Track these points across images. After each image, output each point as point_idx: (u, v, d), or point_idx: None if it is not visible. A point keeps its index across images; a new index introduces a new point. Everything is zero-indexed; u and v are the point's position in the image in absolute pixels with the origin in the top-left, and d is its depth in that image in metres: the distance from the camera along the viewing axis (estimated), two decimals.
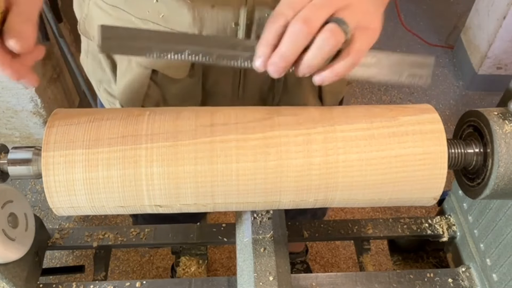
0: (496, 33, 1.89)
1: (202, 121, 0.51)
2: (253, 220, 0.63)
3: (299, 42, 0.47)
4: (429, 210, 1.66)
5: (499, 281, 0.63)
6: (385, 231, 0.75)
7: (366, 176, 0.51)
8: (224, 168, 0.50)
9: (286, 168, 0.50)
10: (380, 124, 0.52)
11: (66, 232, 0.73)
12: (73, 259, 1.55)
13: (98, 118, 0.52)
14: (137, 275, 1.54)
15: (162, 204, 0.52)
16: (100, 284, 0.65)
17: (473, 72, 2.09)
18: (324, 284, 0.66)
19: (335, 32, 0.46)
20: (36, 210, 1.64)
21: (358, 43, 0.49)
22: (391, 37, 2.39)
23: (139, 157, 0.50)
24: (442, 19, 2.49)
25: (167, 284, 0.66)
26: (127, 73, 0.72)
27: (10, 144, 0.67)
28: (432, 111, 0.54)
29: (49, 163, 0.49)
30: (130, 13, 0.66)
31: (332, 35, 0.46)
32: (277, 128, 0.51)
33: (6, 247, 0.56)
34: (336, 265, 1.57)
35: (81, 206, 0.52)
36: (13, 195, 0.60)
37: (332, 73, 0.49)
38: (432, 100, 2.09)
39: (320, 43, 0.47)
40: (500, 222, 0.63)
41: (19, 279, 0.60)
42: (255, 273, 0.58)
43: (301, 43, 0.47)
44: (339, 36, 0.46)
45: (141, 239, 0.73)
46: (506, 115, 0.52)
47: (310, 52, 0.47)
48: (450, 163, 0.54)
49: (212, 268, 1.55)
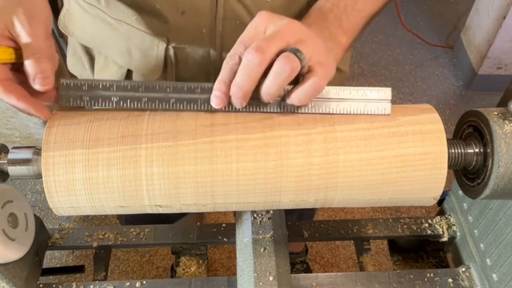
0: (496, 33, 1.89)
1: (202, 121, 0.51)
2: (253, 220, 0.63)
3: (253, 71, 0.47)
4: (429, 210, 1.66)
5: (499, 281, 0.63)
6: (385, 231, 0.75)
7: (366, 176, 0.51)
8: (224, 168, 0.50)
9: (286, 168, 0.50)
10: (380, 124, 0.52)
11: (66, 232, 0.73)
12: (73, 259, 1.55)
13: (98, 118, 0.52)
14: (137, 275, 1.54)
15: (162, 204, 0.52)
16: (100, 284, 0.65)
17: (473, 72, 2.09)
18: (324, 284, 0.66)
19: (290, 59, 0.47)
20: (36, 210, 1.64)
21: (317, 71, 0.50)
22: (391, 37, 2.40)
23: (139, 157, 0.50)
24: (442, 19, 2.49)
25: (167, 284, 0.66)
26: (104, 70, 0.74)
27: (10, 144, 0.67)
28: (432, 111, 0.54)
29: (49, 163, 0.49)
30: (105, 12, 0.68)
31: (288, 61, 0.47)
32: (277, 128, 0.51)
33: (6, 247, 0.56)
34: (336, 265, 1.57)
35: (81, 206, 0.52)
36: (13, 195, 0.60)
37: (295, 99, 0.50)
38: (432, 100, 2.09)
39: (276, 69, 0.47)
40: (500, 222, 0.63)
41: (19, 279, 0.60)
42: (255, 273, 0.58)
43: (255, 72, 0.48)
44: (294, 63, 0.47)
45: (141, 239, 0.73)
46: (506, 115, 0.52)
47: (267, 80, 0.48)
48: (450, 163, 0.54)
49: (212, 268, 1.55)
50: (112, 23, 0.68)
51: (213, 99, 0.50)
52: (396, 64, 2.27)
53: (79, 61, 0.79)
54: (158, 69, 0.69)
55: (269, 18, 0.50)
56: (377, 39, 2.38)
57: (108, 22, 0.68)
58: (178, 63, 0.69)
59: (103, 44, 0.72)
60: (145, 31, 0.66)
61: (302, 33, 0.50)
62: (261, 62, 0.47)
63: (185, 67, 0.70)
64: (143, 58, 0.69)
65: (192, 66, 0.69)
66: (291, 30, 0.49)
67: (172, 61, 0.68)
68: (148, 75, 0.70)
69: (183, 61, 0.69)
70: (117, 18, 0.67)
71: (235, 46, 0.50)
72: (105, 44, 0.72)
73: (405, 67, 2.26)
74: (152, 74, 0.70)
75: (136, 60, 0.70)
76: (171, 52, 0.67)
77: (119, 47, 0.70)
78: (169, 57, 0.68)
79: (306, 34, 0.50)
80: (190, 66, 0.69)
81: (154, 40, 0.67)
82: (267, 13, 0.51)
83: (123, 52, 0.70)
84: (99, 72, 0.75)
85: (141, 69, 0.70)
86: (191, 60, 0.69)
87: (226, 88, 0.50)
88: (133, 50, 0.69)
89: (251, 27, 0.51)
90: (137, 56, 0.69)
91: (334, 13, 0.60)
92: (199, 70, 0.70)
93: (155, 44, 0.67)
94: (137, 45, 0.68)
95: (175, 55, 0.68)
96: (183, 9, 0.62)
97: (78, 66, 0.80)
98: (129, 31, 0.67)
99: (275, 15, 0.51)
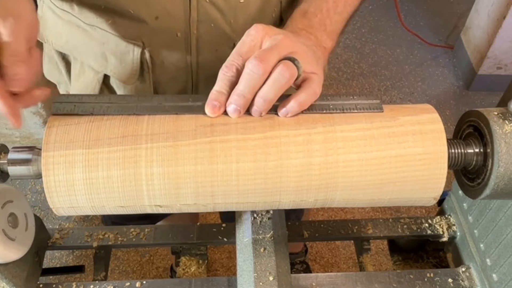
0: (496, 33, 1.89)
1: (202, 121, 0.51)
2: (253, 220, 0.63)
3: (256, 80, 0.49)
4: (429, 210, 1.66)
5: (499, 281, 0.63)
6: (385, 231, 0.75)
7: (366, 176, 0.51)
8: (224, 168, 0.50)
9: (286, 168, 0.50)
10: (380, 124, 0.52)
11: (66, 232, 0.73)
12: (73, 259, 1.55)
13: (98, 118, 0.52)
14: (137, 275, 1.54)
15: (162, 204, 0.52)
16: (100, 284, 0.65)
17: (473, 72, 2.09)
18: (324, 284, 0.66)
19: (289, 66, 0.49)
20: (36, 210, 1.64)
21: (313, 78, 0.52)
22: (391, 37, 2.40)
23: (139, 157, 0.50)
24: (442, 19, 2.49)
25: (167, 284, 0.66)
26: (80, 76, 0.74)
27: (10, 144, 0.67)
28: (432, 111, 0.54)
29: (49, 163, 0.49)
30: (79, 18, 0.68)
31: (287, 68, 0.49)
32: (277, 128, 0.51)
33: (6, 247, 0.56)
34: (336, 265, 1.57)
35: (81, 206, 0.52)
36: (13, 195, 0.60)
37: (296, 103, 0.51)
38: (432, 100, 2.09)
39: (276, 75, 0.49)
40: (500, 222, 0.63)
41: (19, 279, 0.60)
42: (255, 273, 0.58)
43: (257, 80, 0.49)
44: (293, 70, 0.49)
45: (141, 239, 0.73)
46: (506, 115, 0.52)
47: (266, 86, 0.50)
48: (450, 163, 0.54)
49: (212, 268, 1.55)
50: (86, 28, 0.68)
51: (210, 109, 0.51)
52: (396, 64, 2.27)
53: (55, 67, 0.79)
54: (134, 73, 0.69)
55: (265, 31, 0.52)
56: (377, 39, 2.38)
57: (82, 28, 0.68)
58: (155, 67, 0.69)
59: (78, 50, 0.72)
60: (119, 36, 0.66)
61: (296, 46, 0.52)
62: (264, 72, 0.49)
63: (161, 71, 0.70)
64: (118, 63, 0.69)
65: (168, 69, 0.70)
66: (287, 43, 0.51)
67: (149, 65, 0.68)
68: (125, 80, 0.70)
69: (159, 65, 0.69)
70: (91, 24, 0.67)
71: (231, 57, 0.51)
72: (80, 50, 0.71)
73: (405, 67, 2.26)
74: (129, 79, 0.70)
75: (112, 65, 0.69)
76: (147, 56, 0.67)
77: (94, 52, 0.69)
78: (145, 61, 0.68)
79: (299, 47, 0.52)
80: (167, 69, 0.70)
81: (129, 44, 0.66)
82: (262, 26, 0.52)
83: (98, 57, 0.69)
84: (75, 77, 0.75)
85: (118, 74, 0.70)
86: (167, 64, 0.69)
87: (223, 98, 0.51)
88: (109, 55, 0.69)
89: (247, 40, 0.52)
90: (113, 60, 0.69)
91: (319, 18, 0.61)
92: (176, 74, 0.70)
93: (130, 48, 0.67)
94: (112, 49, 0.68)
95: (151, 59, 0.68)
96: (156, 14, 0.63)
97: (54, 72, 0.80)
98: (103, 36, 0.67)
99: (270, 29, 0.53)
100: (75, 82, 0.75)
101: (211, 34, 0.66)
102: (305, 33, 0.59)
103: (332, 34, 0.62)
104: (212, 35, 0.66)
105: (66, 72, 0.77)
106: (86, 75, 0.73)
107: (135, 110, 0.52)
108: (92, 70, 0.72)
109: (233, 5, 0.64)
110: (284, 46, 0.51)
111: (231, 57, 0.51)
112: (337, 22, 0.63)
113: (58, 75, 0.79)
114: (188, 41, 0.66)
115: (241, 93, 0.50)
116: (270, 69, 0.49)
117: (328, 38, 0.61)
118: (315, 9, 0.62)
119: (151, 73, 0.69)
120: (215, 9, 0.63)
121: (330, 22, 0.62)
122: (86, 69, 0.72)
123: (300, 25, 0.60)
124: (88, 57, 0.71)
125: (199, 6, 0.62)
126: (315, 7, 0.62)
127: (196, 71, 0.70)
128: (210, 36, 0.66)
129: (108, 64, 0.69)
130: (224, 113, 0.52)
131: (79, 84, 0.74)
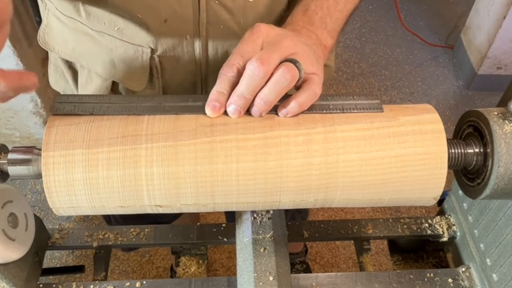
0: (496, 33, 1.89)
1: (202, 121, 0.51)
2: (253, 220, 0.63)
3: (257, 81, 0.49)
4: (429, 210, 1.66)
5: (499, 281, 0.63)
6: (385, 231, 0.75)
7: (366, 176, 0.51)
8: (224, 168, 0.50)
9: (286, 168, 0.50)
10: (380, 124, 0.52)
11: (66, 232, 0.73)
12: (73, 259, 1.55)
13: (98, 118, 0.52)
14: (137, 275, 1.54)
15: (162, 204, 0.52)
16: (100, 284, 0.65)
17: (473, 72, 2.09)
18: (324, 284, 0.66)
19: (291, 68, 0.49)
20: (36, 210, 1.64)
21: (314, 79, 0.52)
22: (391, 37, 2.40)
23: (139, 157, 0.50)
24: (442, 19, 2.49)
25: (167, 284, 0.66)
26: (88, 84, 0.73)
27: (10, 144, 0.67)
28: (432, 111, 0.54)
29: (49, 163, 0.49)
30: (86, 24, 0.66)
31: (289, 70, 0.49)
32: (277, 128, 0.51)
33: (6, 247, 0.56)
34: (336, 265, 1.57)
35: (81, 206, 0.52)
36: (13, 195, 0.60)
37: (296, 104, 0.51)
38: (432, 100, 2.09)
39: (277, 77, 0.49)
40: (500, 222, 0.63)
41: (19, 279, 0.60)
42: (255, 273, 0.58)
43: (258, 82, 0.49)
44: (294, 72, 0.49)
45: (141, 239, 0.73)
46: (506, 115, 0.52)
47: (267, 88, 0.50)
48: (450, 163, 0.54)
49: (212, 268, 1.55)
50: (93, 35, 0.67)
51: (210, 109, 0.51)
52: (396, 64, 2.27)
53: (61, 76, 0.78)
54: (143, 79, 0.68)
55: (266, 31, 0.52)
56: (377, 39, 2.38)
57: (89, 35, 0.67)
58: (164, 72, 0.68)
59: (85, 57, 0.71)
60: (128, 42, 0.65)
61: (297, 47, 0.52)
62: (265, 74, 0.48)
63: (171, 75, 0.69)
64: (127, 69, 0.68)
65: (178, 73, 0.69)
66: (289, 44, 0.51)
67: (158, 70, 0.67)
68: (134, 86, 0.69)
69: (169, 69, 0.68)
70: (98, 30, 0.66)
71: (232, 57, 0.51)
72: (87, 57, 0.70)
73: (405, 67, 2.26)
74: (138, 85, 0.69)
75: (120, 71, 0.68)
76: (156, 60, 0.66)
77: (102, 59, 0.68)
78: (154, 66, 0.67)
79: (300, 48, 0.52)
80: (176, 73, 0.69)
81: (138, 49, 0.66)
82: (264, 26, 0.52)
83: (106, 64, 0.68)
84: (83, 86, 0.74)
85: (126, 80, 0.69)
86: (177, 68, 0.68)
87: (224, 98, 0.51)
88: (117, 61, 0.68)
89: (248, 40, 0.52)
90: (121, 67, 0.68)
91: (319, 16, 0.61)
92: (185, 78, 0.70)
93: (139, 54, 0.66)
94: (120, 56, 0.67)
95: (160, 64, 0.67)
96: (165, 17, 0.62)
97: (60, 82, 0.79)
98: (111, 42, 0.66)
99: (272, 28, 0.52)
100: (82, 90, 0.74)
101: (220, 35, 0.65)
102: (306, 31, 0.59)
103: (332, 32, 0.62)
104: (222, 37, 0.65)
105: (73, 80, 0.76)
106: (93, 83, 0.71)
107: (135, 110, 0.52)
108: (99, 78, 0.70)
109: (242, 5, 0.63)
110: (286, 47, 0.50)
111: (232, 56, 0.51)
112: (338, 20, 0.63)
113: (65, 84, 0.78)
114: (197, 43, 0.65)
115: (241, 94, 0.50)
116: (271, 71, 0.49)
117: (328, 36, 0.61)
118: (316, 6, 0.61)
119: (161, 78, 0.68)
120: (224, 9, 0.62)
121: (331, 20, 0.62)
122: (93, 76, 0.71)
123: (301, 23, 0.60)
124: (95, 64, 0.70)
125: (208, 7, 0.62)
126: (316, 5, 0.62)
127: (205, 74, 0.69)
128: (220, 38, 0.65)
129: (117, 70, 0.68)
130: (224, 113, 0.52)
131: (86, 92, 0.73)
